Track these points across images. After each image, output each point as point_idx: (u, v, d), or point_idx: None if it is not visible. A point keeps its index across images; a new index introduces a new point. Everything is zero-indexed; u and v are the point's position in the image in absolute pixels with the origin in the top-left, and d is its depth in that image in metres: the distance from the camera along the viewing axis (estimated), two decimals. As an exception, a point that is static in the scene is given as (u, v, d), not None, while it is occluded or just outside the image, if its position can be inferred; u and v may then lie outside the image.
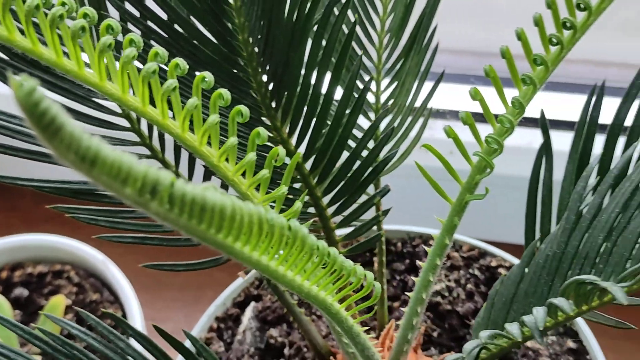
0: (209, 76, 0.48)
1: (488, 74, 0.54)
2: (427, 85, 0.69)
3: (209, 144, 0.50)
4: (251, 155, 0.49)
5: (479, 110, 0.54)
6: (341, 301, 0.49)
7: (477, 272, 0.83)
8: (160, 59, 0.47)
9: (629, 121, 0.60)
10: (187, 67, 0.48)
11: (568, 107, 0.98)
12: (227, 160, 0.52)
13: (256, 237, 0.39)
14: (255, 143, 0.51)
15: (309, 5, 0.55)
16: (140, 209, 0.30)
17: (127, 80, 0.46)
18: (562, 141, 0.71)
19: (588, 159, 0.59)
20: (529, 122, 0.96)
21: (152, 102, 0.48)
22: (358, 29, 0.67)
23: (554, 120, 0.97)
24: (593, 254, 0.51)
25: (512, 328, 0.48)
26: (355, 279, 0.47)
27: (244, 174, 0.52)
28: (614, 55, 1.01)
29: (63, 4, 0.45)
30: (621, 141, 0.59)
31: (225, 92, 0.49)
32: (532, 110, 0.59)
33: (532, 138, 0.97)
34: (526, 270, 0.57)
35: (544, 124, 0.60)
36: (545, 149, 0.61)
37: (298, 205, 0.50)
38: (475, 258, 0.84)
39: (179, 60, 0.47)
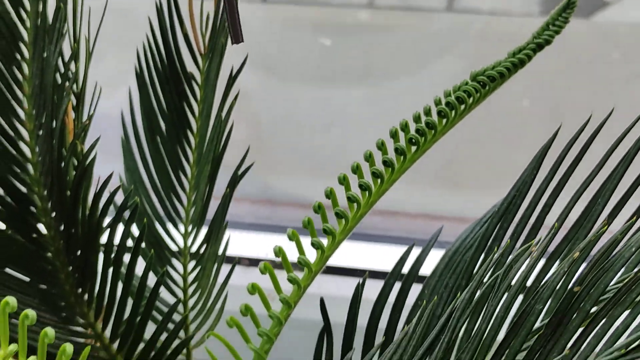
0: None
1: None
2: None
3: None
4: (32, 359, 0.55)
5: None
6: None
7: None
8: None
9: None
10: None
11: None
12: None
13: None
14: (45, 342, 0.57)
15: (98, 215, 0.62)
16: None
17: None
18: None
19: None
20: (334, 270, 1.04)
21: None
22: (165, 217, 0.75)
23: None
24: None
25: None
26: None
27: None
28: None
29: None
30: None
31: (11, 300, 0.54)
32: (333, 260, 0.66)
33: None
34: None
35: (324, 310, 0.67)
36: (327, 332, 0.67)
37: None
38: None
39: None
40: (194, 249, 0.74)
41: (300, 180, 1.19)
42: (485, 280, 0.49)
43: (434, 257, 0.68)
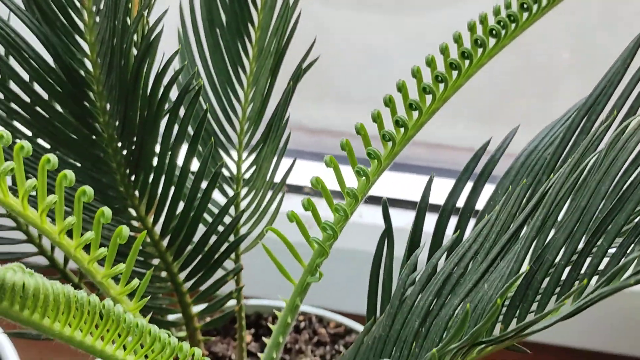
0: (53, 158, 0.51)
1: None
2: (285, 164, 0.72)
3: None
4: (88, 234, 0.52)
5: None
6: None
7: (342, 349, 0.86)
8: (25, 152, 0.49)
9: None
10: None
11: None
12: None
13: (65, 314, 0.42)
14: (101, 222, 0.54)
15: (160, 95, 0.59)
16: None
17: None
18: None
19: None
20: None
21: None
22: (221, 114, 0.72)
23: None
24: (410, 338, 0.55)
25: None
26: (182, 355, 0.50)
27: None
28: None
29: None
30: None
31: (69, 173, 0.51)
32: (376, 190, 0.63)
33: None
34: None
35: (386, 212, 0.64)
36: (387, 237, 0.65)
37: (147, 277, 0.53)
38: (342, 335, 0.87)
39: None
40: (249, 148, 0.71)
41: (336, 110, 1.16)
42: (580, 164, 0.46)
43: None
